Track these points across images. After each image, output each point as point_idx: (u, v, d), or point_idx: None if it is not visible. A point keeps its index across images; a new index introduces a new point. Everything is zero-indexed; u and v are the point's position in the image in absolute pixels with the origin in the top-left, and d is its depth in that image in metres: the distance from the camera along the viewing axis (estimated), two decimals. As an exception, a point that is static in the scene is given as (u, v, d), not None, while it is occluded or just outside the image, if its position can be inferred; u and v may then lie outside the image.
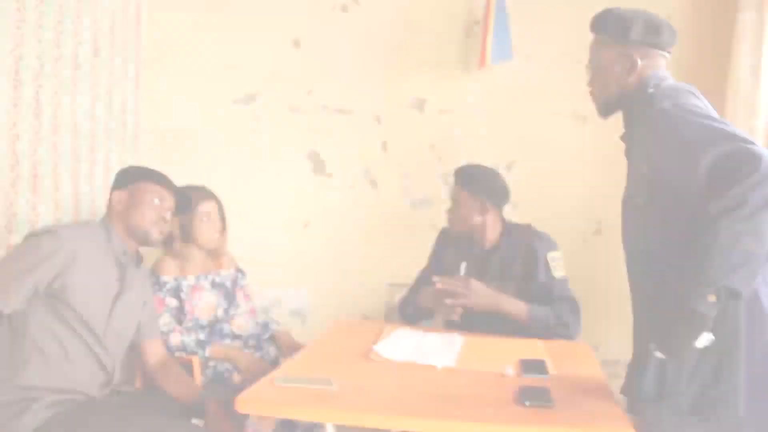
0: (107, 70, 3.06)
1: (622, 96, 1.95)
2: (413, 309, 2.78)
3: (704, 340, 1.63)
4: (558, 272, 2.60)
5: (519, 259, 2.64)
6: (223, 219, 2.84)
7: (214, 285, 2.81)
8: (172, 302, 2.68)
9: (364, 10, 3.48)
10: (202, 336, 2.70)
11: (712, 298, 1.58)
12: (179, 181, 2.41)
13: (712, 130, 1.68)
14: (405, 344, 2.33)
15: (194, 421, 2.23)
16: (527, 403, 1.79)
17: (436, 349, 2.30)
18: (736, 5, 3.04)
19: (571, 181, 3.40)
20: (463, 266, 2.37)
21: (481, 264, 2.69)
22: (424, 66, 3.48)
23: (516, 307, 2.50)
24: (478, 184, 2.68)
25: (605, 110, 2.02)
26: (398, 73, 3.49)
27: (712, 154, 1.61)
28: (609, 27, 1.94)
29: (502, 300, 2.50)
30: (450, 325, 2.69)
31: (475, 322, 2.57)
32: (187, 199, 2.41)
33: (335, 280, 3.57)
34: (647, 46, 1.93)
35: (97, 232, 2.20)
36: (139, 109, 3.39)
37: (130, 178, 2.28)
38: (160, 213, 2.25)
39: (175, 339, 2.61)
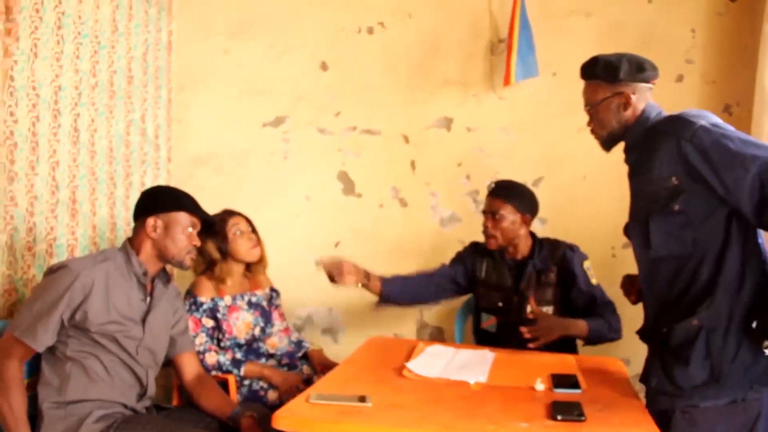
0: (141, 97, 3.16)
1: (623, 128, 2.15)
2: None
3: None
4: (594, 279, 2.74)
5: (554, 268, 2.74)
6: (255, 231, 2.89)
7: (250, 305, 2.86)
8: (209, 322, 2.73)
9: (389, 32, 3.52)
10: (238, 355, 2.74)
11: None
12: (211, 204, 2.45)
13: (752, 143, 1.88)
14: (438, 361, 2.35)
15: (231, 436, 2.28)
16: (559, 418, 1.81)
17: (468, 365, 2.32)
18: (761, 17, 3.04)
19: (598, 196, 3.40)
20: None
21: (516, 274, 2.78)
22: (451, 85, 3.51)
23: (578, 327, 2.60)
24: (519, 198, 2.79)
25: (608, 144, 2.23)
26: (425, 93, 3.52)
27: (760, 162, 1.81)
28: (599, 72, 2.14)
29: (569, 325, 2.60)
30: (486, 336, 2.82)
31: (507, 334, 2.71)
32: (209, 224, 2.47)
33: (366, 298, 3.58)
34: (636, 82, 2.12)
35: (116, 257, 2.25)
36: (171, 133, 3.48)
37: (166, 206, 2.29)
38: (193, 241, 2.32)
39: (210, 358, 2.65)
